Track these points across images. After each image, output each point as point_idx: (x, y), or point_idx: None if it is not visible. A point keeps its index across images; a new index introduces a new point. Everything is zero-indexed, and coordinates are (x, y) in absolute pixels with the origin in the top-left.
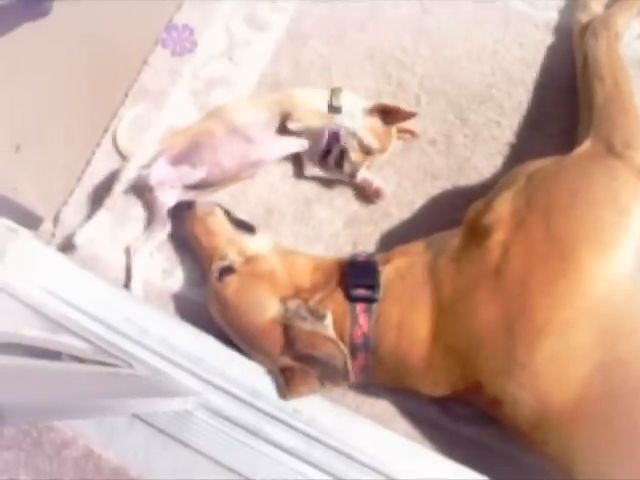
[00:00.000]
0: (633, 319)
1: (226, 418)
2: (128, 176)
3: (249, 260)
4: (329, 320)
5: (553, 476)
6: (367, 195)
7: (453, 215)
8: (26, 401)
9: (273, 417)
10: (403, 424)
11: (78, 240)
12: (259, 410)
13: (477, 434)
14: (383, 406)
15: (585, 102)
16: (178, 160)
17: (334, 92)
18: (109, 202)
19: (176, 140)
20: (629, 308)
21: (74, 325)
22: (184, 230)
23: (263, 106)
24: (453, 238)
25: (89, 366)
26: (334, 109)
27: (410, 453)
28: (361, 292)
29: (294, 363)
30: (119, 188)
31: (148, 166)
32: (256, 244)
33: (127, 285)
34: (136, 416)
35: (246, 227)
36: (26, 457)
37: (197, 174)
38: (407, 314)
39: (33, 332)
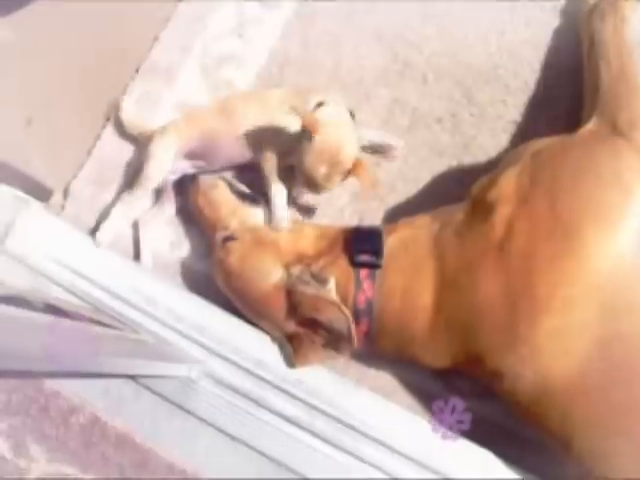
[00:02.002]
0: (633, 296)
1: (230, 387)
2: (153, 184)
3: (252, 229)
4: (332, 284)
5: (551, 450)
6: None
7: (458, 192)
8: (24, 350)
9: (276, 387)
10: (405, 397)
11: (101, 238)
12: (263, 380)
13: (478, 408)
14: (385, 379)
15: (590, 83)
16: (193, 156)
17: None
18: (127, 198)
19: (190, 133)
20: (630, 285)
21: (83, 294)
22: (188, 203)
23: (266, 113)
24: (458, 212)
25: (95, 326)
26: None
27: (411, 425)
28: (365, 258)
29: (299, 329)
30: (141, 192)
31: (173, 172)
32: (260, 214)
33: (136, 257)
34: (142, 385)
35: (250, 198)
36: (32, 423)
37: (211, 168)
38: (411, 282)
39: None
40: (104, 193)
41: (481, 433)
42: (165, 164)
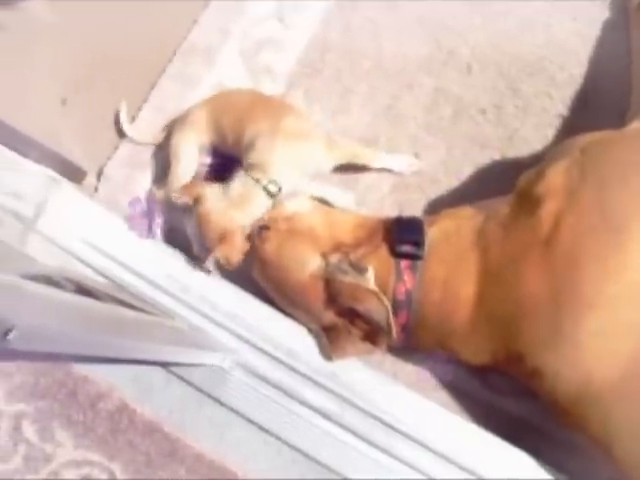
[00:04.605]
0: None
1: (262, 378)
2: (181, 183)
3: (289, 218)
4: (371, 273)
5: (587, 453)
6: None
7: (501, 185)
8: (54, 331)
9: (310, 379)
10: (440, 393)
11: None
12: (296, 371)
13: (514, 407)
14: (421, 375)
15: (638, 78)
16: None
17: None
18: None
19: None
20: None
21: (115, 278)
22: None
23: None
24: (503, 205)
25: (129, 311)
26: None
27: (446, 423)
28: (406, 248)
29: (337, 320)
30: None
31: (203, 163)
32: (295, 203)
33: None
34: (172, 373)
35: None
36: (60, 407)
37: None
38: (452, 275)
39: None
40: (139, 176)
41: (516, 433)
42: (190, 163)
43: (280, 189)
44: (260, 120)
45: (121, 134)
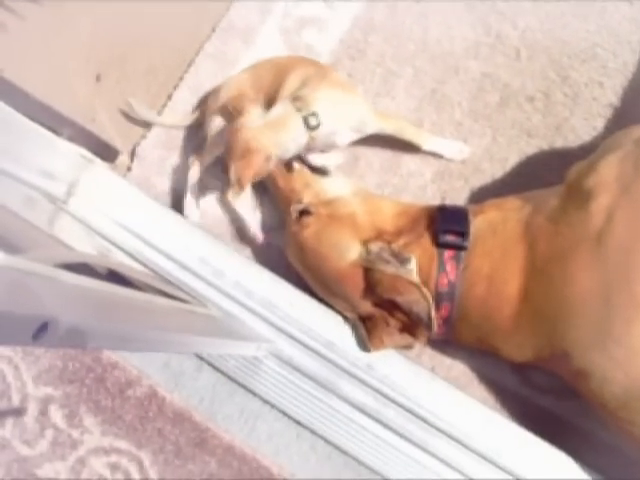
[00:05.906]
0: None
1: (297, 369)
2: (208, 160)
3: (328, 202)
4: (413, 264)
5: (628, 456)
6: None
7: (547, 175)
8: (87, 323)
9: (346, 371)
10: (479, 389)
11: (191, 216)
12: (332, 363)
13: (554, 406)
14: (460, 369)
15: None
16: None
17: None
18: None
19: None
20: None
21: (147, 261)
22: None
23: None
24: (552, 198)
25: (163, 299)
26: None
27: (484, 419)
28: (450, 238)
29: (375, 310)
30: (201, 165)
31: None
32: (335, 187)
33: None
34: (204, 360)
35: (322, 171)
36: (88, 393)
37: None
38: (497, 268)
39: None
40: (173, 156)
41: (556, 433)
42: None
43: (319, 125)
44: (306, 68)
45: (146, 125)
